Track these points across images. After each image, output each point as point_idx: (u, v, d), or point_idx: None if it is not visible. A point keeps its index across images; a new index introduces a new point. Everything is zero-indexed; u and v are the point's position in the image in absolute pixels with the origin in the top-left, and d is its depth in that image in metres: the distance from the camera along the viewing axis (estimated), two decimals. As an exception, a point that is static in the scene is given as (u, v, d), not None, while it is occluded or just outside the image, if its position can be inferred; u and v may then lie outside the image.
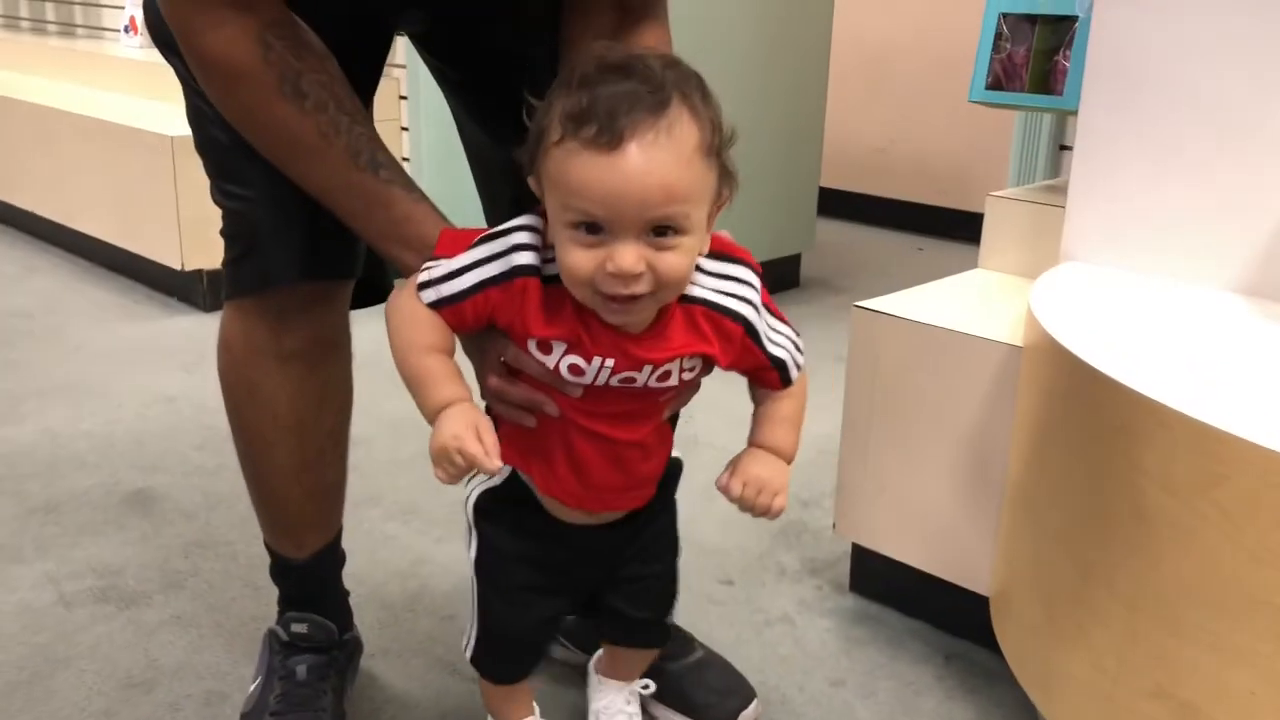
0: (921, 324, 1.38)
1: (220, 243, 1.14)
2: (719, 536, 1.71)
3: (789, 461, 1.00)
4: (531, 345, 0.91)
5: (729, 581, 1.60)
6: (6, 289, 2.96)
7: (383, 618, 1.48)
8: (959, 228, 1.57)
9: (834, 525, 1.54)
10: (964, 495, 1.38)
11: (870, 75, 3.79)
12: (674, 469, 1.07)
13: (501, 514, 1.03)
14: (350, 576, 1.33)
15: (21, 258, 3.26)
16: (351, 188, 0.98)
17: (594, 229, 0.82)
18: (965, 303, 1.45)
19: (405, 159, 2.87)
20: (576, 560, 1.05)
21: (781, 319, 0.98)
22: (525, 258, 0.89)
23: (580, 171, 0.81)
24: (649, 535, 1.07)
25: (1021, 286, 1.44)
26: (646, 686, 1.23)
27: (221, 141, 1.05)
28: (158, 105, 3.04)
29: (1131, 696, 1.02)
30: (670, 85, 0.82)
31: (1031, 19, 1.52)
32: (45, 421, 2.09)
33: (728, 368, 0.96)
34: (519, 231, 0.90)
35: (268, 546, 1.26)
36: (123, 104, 3.14)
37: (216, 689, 1.32)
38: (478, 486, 1.04)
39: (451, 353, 0.93)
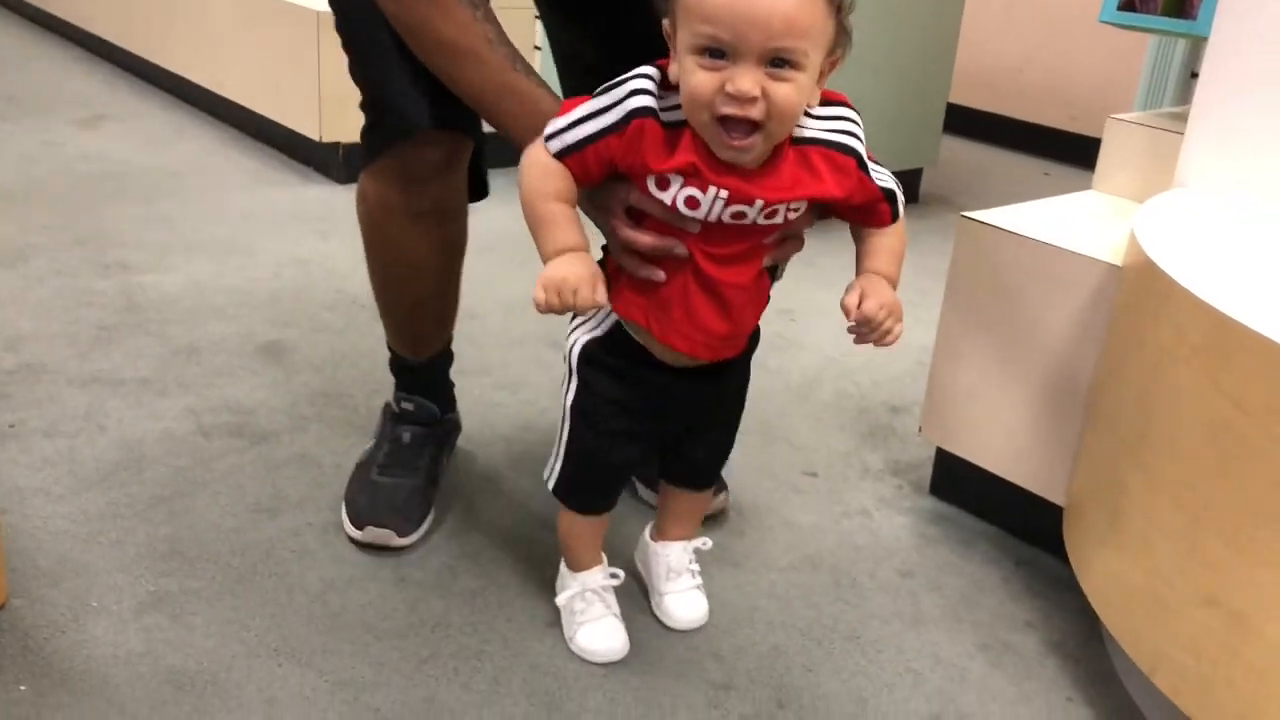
0: (1025, 237, 1.40)
1: (357, 117, 1.28)
2: (809, 434, 1.78)
3: (894, 289, 1.08)
4: (651, 184, 1.00)
5: (813, 474, 1.67)
6: (159, 148, 3.14)
7: (487, 472, 1.59)
8: (1089, 154, 1.56)
9: (920, 428, 1.59)
10: (1050, 408, 1.42)
11: (1013, -8, 3.69)
12: (755, 335, 1.17)
13: (604, 362, 1.13)
14: (461, 438, 1.45)
15: (173, 120, 3.44)
16: (509, 89, 1.12)
17: (718, 54, 0.92)
18: (1072, 221, 1.47)
19: (537, 47, 2.93)
20: (666, 407, 1.16)
21: (875, 161, 1.05)
22: (641, 100, 0.98)
23: None
24: (730, 390, 1.19)
25: (1131, 210, 1.45)
26: (705, 543, 1.33)
27: (361, 19, 1.17)
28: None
29: (1185, 604, 1.06)
30: None
31: (1173, -61, 1.50)
32: (190, 273, 2.25)
33: (844, 200, 1.02)
34: (635, 79, 0.99)
35: (389, 346, 1.48)
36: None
37: (334, 520, 1.45)
38: (582, 335, 1.14)
39: (573, 203, 1.02)
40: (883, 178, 1.05)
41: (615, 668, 1.23)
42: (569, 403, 1.16)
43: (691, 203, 0.99)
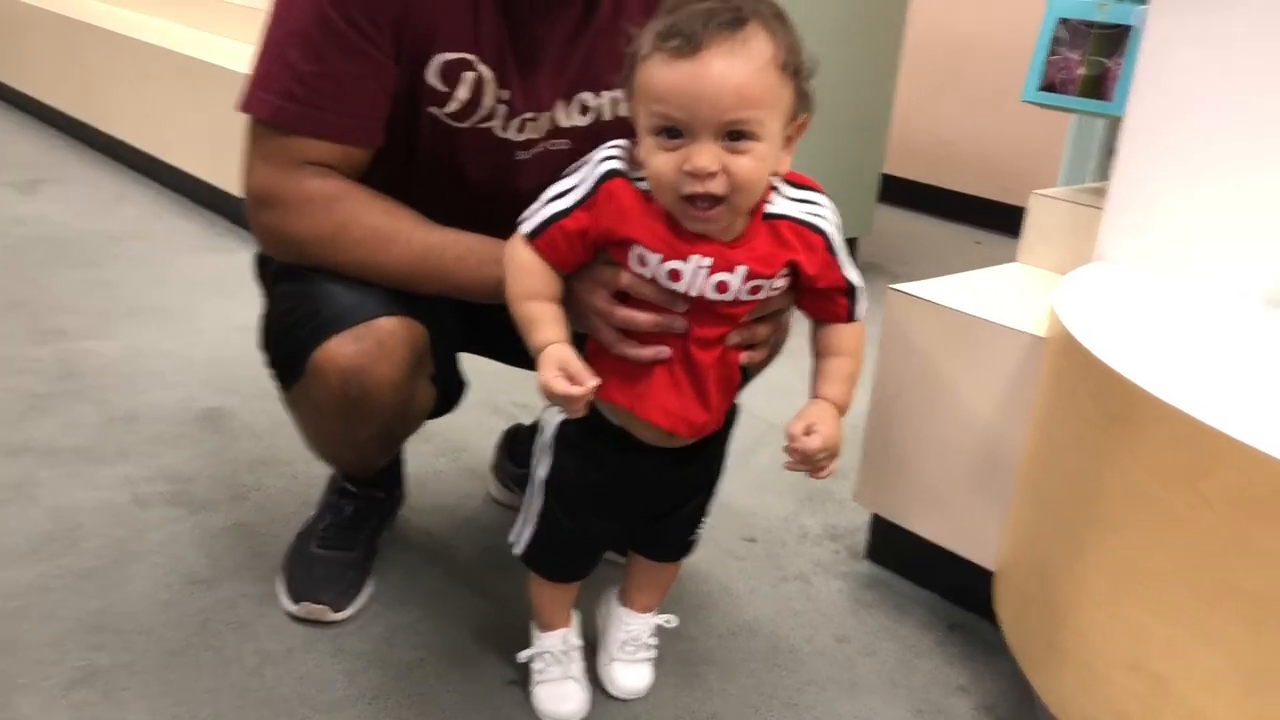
0: (952, 310, 1.45)
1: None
2: (748, 498, 1.80)
3: (845, 414, 1.08)
4: (633, 259, 1.00)
5: (752, 539, 1.69)
6: (101, 213, 3.12)
7: (426, 541, 1.59)
8: (1018, 223, 1.63)
9: (854, 495, 1.62)
10: (980, 475, 1.45)
11: (943, 67, 3.82)
12: (734, 412, 1.17)
13: (580, 445, 1.12)
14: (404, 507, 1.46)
15: (115, 185, 3.42)
16: (446, 243, 1.15)
17: (674, 133, 0.93)
18: (997, 293, 1.52)
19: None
20: (643, 490, 1.15)
21: (850, 260, 1.07)
22: (611, 164, 1.00)
23: (663, 76, 0.92)
24: (708, 470, 1.18)
25: (1054, 282, 1.50)
26: (670, 621, 1.33)
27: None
28: (249, 48, 3.17)
29: (1109, 667, 1.09)
30: (748, 9, 0.93)
31: (1089, 25, 1.57)
32: (131, 339, 2.23)
33: (811, 278, 1.03)
34: (607, 149, 1.01)
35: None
36: (217, 44, 3.27)
37: (270, 591, 1.44)
38: (558, 415, 1.13)
39: (552, 297, 1.03)
40: (850, 272, 1.06)
41: (554, 738, 1.23)
42: (542, 477, 1.15)
43: (674, 275, 0.99)
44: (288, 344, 1.21)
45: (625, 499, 1.16)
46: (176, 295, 2.52)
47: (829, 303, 1.07)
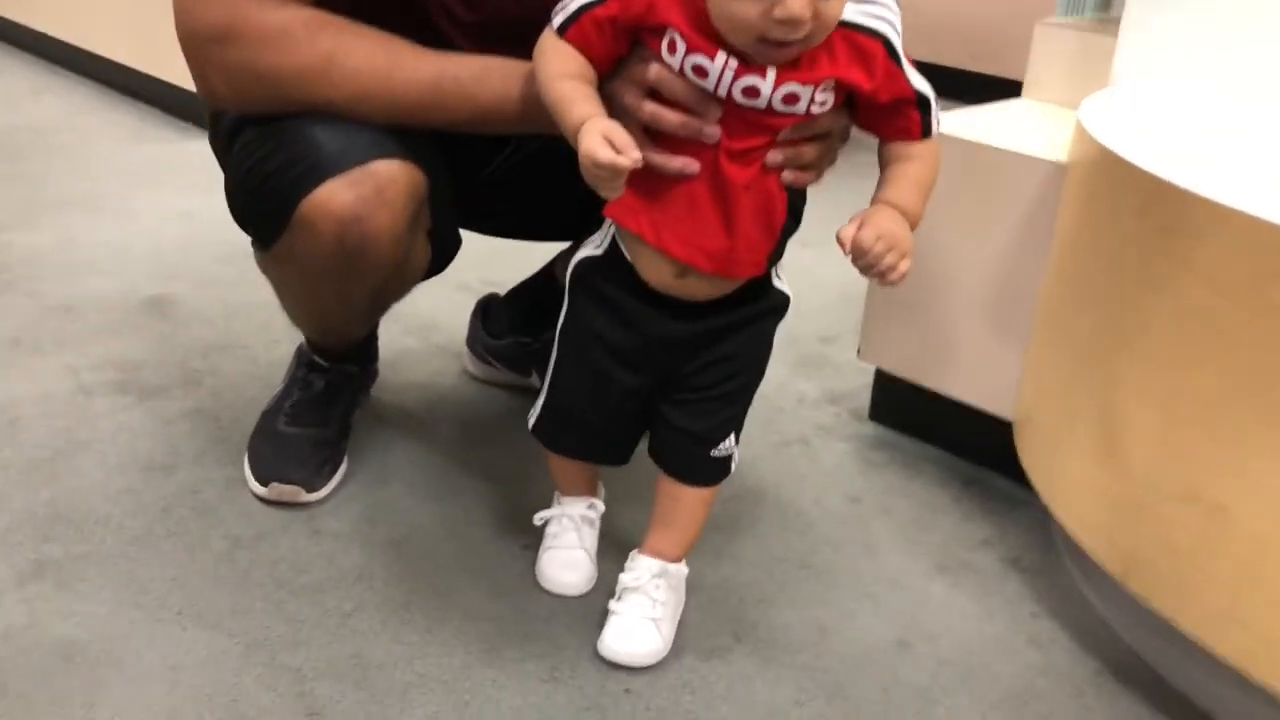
0: (963, 140, 1.34)
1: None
2: (738, 366, 1.70)
3: (914, 226, 0.93)
4: (664, 47, 0.88)
5: (748, 406, 1.59)
6: (18, 107, 2.91)
7: (401, 419, 1.48)
8: (989, 93, 1.52)
9: (858, 351, 1.52)
10: (993, 318, 1.36)
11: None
12: (782, 299, 1.05)
13: (594, 286, 1.02)
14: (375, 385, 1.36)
15: (32, 78, 3.19)
16: (460, 65, 1.01)
17: None
18: (1008, 126, 1.41)
19: None
20: (654, 347, 1.02)
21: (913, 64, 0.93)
22: None
23: None
24: (730, 344, 1.03)
25: (1065, 115, 1.40)
26: (681, 569, 1.12)
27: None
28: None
29: (1160, 501, 1.01)
30: None
31: None
32: (62, 230, 2.07)
33: (870, 93, 0.90)
34: None
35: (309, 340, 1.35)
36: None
37: (237, 476, 1.32)
38: (582, 253, 1.03)
39: (585, 78, 0.91)
40: (918, 80, 0.92)
41: (558, 610, 1.14)
42: (559, 327, 1.06)
43: (699, 71, 0.87)
44: (267, 195, 1.05)
45: (635, 353, 1.02)
46: (108, 185, 2.34)
47: (897, 117, 0.93)
